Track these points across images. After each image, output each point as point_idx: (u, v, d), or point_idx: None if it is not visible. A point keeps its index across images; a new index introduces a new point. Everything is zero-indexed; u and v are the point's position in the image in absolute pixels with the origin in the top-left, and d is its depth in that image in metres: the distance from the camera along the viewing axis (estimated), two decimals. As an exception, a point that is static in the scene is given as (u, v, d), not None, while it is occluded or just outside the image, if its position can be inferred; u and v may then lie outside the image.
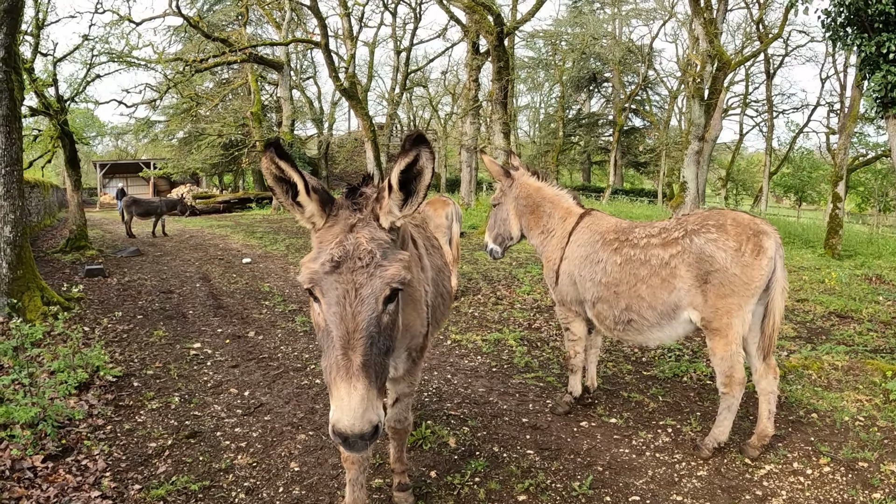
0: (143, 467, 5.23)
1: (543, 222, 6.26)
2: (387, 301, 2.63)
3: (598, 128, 56.88)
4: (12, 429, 5.55)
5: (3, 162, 9.45)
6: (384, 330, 2.64)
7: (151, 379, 7.37)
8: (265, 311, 10.80)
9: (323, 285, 2.60)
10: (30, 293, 9.82)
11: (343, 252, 2.60)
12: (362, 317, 2.54)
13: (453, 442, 5.65)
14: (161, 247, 20.34)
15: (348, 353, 2.48)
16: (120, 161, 58.59)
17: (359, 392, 2.43)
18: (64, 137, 18.39)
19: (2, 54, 9.35)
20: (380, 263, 2.60)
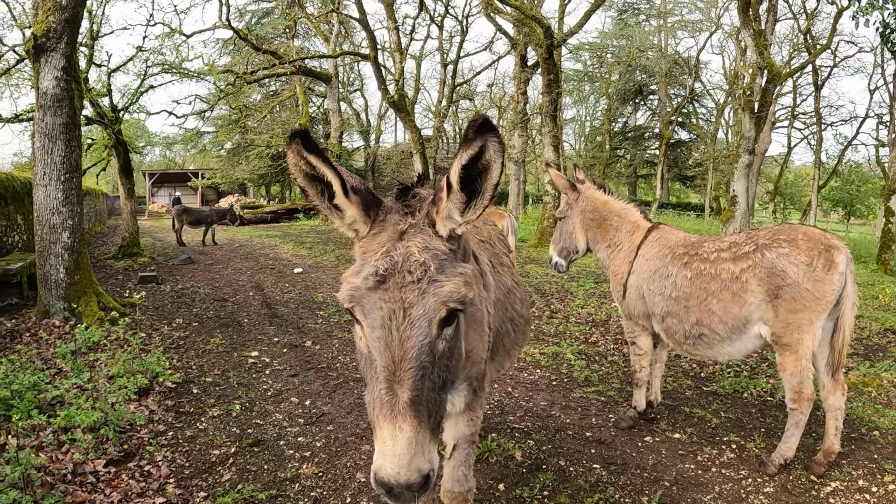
0: (207, 475, 5.21)
1: (610, 236, 6.28)
2: (443, 324, 2.23)
3: (644, 141, 56.49)
4: (74, 432, 5.58)
5: (62, 169, 9.64)
6: (439, 359, 2.24)
7: (211, 386, 7.39)
8: (320, 320, 10.80)
9: (365, 304, 2.22)
10: (86, 298, 9.97)
11: (390, 264, 2.21)
12: (412, 343, 2.14)
13: (519, 455, 5.57)
14: (212, 255, 20.59)
15: (394, 388, 2.11)
16: (169, 171, 59.85)
17: (405, 435, 2.05)
18: (118, 146, 18.88)
19: (63, 63, 9.57)
20: (434, 278, 2.20)
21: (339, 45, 40.14)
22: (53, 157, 9.57)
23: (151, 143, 54.86)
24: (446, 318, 2.22)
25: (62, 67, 9.56)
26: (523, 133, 29.30)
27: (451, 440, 3.51)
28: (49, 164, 9.57)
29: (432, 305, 2.17)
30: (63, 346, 8.08)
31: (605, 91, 49.04)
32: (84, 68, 17.51)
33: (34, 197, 9.73)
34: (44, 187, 9.60)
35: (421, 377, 2.13)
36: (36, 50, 9.47)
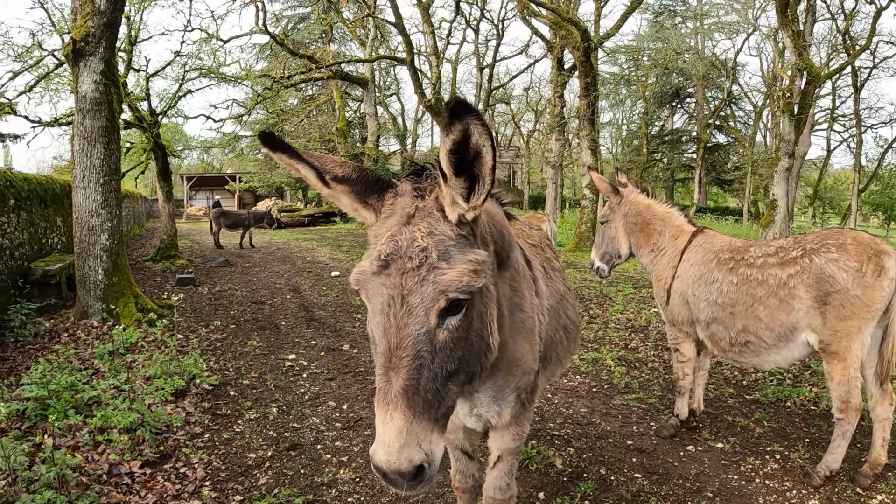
0: (243, 478, 5.16)
1: (654, 240, 6.18)
2: (444, 314, 2.13)
3: (681, 144, 55.86)
4: (110, 433, 5.57)
5: (101, 171, 9.73)
6: (440, 350, 2.14)
7: (248, 389, 7.36)
8: (358, 324, 10.75)
9: (369, 288, 2.18)
10: (124, 299, 10.03)
11: (393, 248, 2.14)
12: (408, 331, 2.09)
13: (560, 463, 5.45)
14: (249, 258, 20.72)
15: (389, 375, 2.08)
16: (206, 174, 60.57)
17: (395, 423, 2.02)
18: (157, 150, 19.20)
19: (101, 67, 9.66)
20: (435, 265, 2.11)
21: (375, 49, 40.30)
22: (92, 159, 9.66)
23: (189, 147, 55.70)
24: (447, 308, 2.13)
25: (101, 71, 9.65)
26: (560, 137, 29.10)
27: (496, 451, 3.40)
28: (88, 166, 9.66)
29: (430, 294, 2.10)
30: (101, 346, 8.12)
31: (641, 94, 48.63)
32: (123, 73, 17.76)
33: (73, 199, 9.83)
34: (83, 190, 9.69)
35: (417, 367, 2.07)
36: (75, 54, 9.57)
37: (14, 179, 11.41)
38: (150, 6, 18.04)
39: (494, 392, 3.04)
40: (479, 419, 3.19)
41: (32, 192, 12.30)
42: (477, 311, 2.28)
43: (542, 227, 10.77)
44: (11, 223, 10.99)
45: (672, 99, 54.60)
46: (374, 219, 2.32)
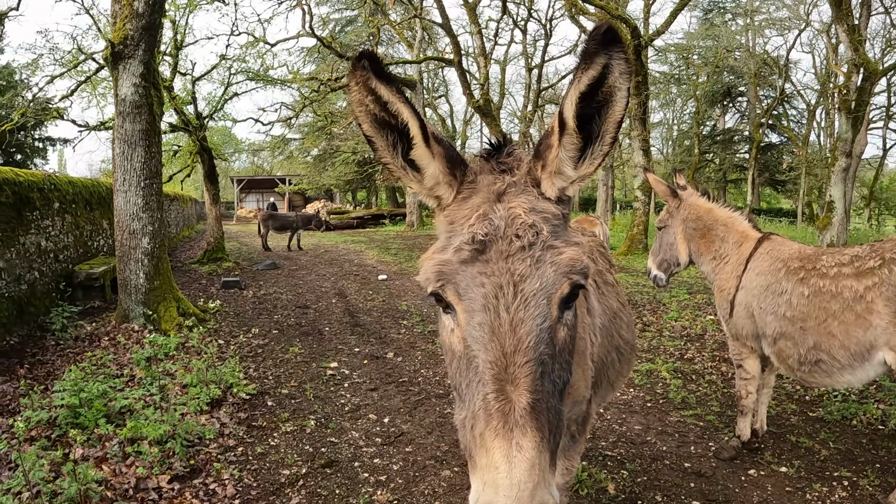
0: (274, 497, 4.96)
1: (716, 247, 5.81)
2: (564, 304, 1.75)
3: (733, 144, 54.67)
4: (140, 445, 5.44)
5: (142, 175, 9.72)
6: (560, 353, 1.73)
7: (286, 399, 7.18)
8: (404, 330, 10.54)
9: (460, 281, 1.73)
10: (166, 304, 9.98)
11: (490, 228, 1.74)
12: (527, 328, 1.65)
13: (612, 488, 5.13)
14: (296, 261, 20.72)
15: (506, 390, 1.60)
16: (256, 177, 61.31)
17: (526, 455, 1.52)
18: (203, 153, 19.42)
19: (141, 70, 9.66)
20: (550, 244, 1.73)
21: (422, 51, 40.21)
22: (133, 163, 9.65)
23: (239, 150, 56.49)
24: (568, 297, 1.75)
25: (140, 74, 9.65)
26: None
27: None
28: (129, 170, 9.65)
29: (551, 277, 1.70)
30: (139, 351, 8.05)
31: (692, 93, 47.80)
32: (169, 77, 18.11)
33: (115, 202, 9.84)
34: (123, 193, 9.68)
35: (541, 375, 1.64)
36: (114, 57, 9.59)
37: (59, 183, 11.48)
38: (195, 10, 18.18)
39: None
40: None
41: (78, 196, 12.39)
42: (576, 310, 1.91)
43: (595, 230, 10.37)
44: (56, 226, 11.05)
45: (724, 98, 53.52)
46: (450, 198, 1.93)
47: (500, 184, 1.86)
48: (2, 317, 8.59)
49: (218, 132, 34.37)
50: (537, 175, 1.88)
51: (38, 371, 7.67)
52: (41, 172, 11.14)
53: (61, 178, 12.01)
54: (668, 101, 56.27)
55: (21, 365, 7.78)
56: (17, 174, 9.62)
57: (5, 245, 8.89)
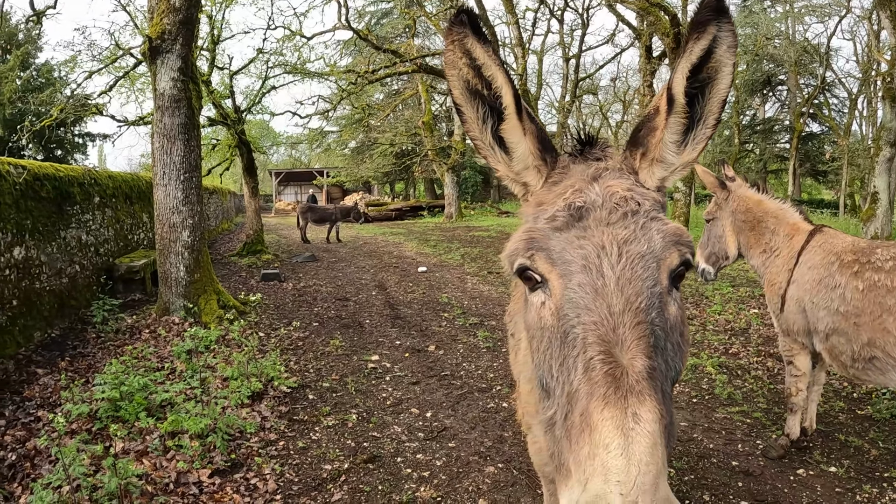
0: (316, 493, 4.89)
1: (766, 240, 5.63)
2: (673, 279, 1.58)
3: (774, 134, 53.70)
4: (181, 438, 5.42)
5: (182, 168, 9.76)
6: (671, 330, 1.52)
7: (327, 392, 7.13)
8: (445, 323, 10.45)
9: (553, 247, 1.56)
10: (206, 296, 10.01)
11: (588, 198, 1.61)
12: (637, 287, 1.46)
13: (660, 487, 4.96)
14: (335, 253, 20.76)
15: (614, 353, 1.37)
16: (294, 170, 61.76)
17: (646, 427, 1.26)
18: (241, 146, 19.58)
19: (179, 64, 9.69)
20: (654, 216, 1.59)
21: (459, 42, 40.12)
22: (172, 156, 9.69)
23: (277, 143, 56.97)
24: (676, 271, 1.58)
25: (178, 68, 9.69)
26: (650, 128, 28.26)
27: None
28: (168, 163, 9.69)
29: (660, 243, 1.54)
30: (180, 344, 8.06)
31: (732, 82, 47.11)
32: (206, 71, 18.31)
33: (154, 196, 9.90)
34: (163, 187, 9.73)
35: (654, 343, 1.42)
36: (152, 52, 9.63)
37: (98, 177, 11.58)
38: (231, 5, 18.28)
39: None
40: None
41: (118, 190, 12.50)
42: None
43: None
44: (96, 220, 11.14)
45: (763, 87, 52.61)
46: (539, 183, 1.80)
47: (594, 170, 1.73)
48: (43, 310, 8.67)
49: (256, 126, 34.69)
50: (634, 164, 1.76)
51: (80, 364, 7.72)
52: (81, 167, 11.25)
53: (101, 172, 12.12)
54: (708, 90, 55.85)
55: (62, 357, 7.84)
56: (57, 169, 9.71)
57: (46, 239, 8.96)
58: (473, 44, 1.64)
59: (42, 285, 8.73)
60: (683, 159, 1.72)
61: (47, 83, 38.22)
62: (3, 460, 5.18)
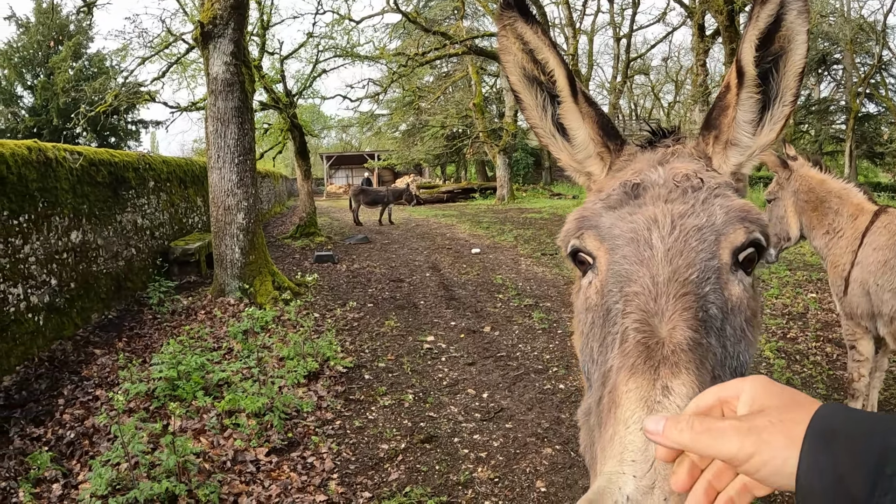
0: (373, 472, 4.87)
1: (829, 220, 5.42)
2: (739, 260, 1.40)
3: (829, 115, 52.15)
4: (238, 417, 5.45)
5: (236, 151, 9.84)
6: (733, 312, 1.34)
7: (383, 372, 7.12)
8: (500, 304, 10.36)
9: (602, 223, 1.46)
10: (261, 278, 10.08)
11: (645, 178, 1.51)
12: (688, 258, 1.32)
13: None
14: (388, 235, 20.80)
15: (651, 322, 1.22)
16: (345, 153, 62.08)
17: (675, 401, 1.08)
18: (294, 130, 19.76)
19: (231, 48, 9.75)
20: (718, 193, 1.44)
21: (508, 23, 39.81)
22: (226, 140, 9.76)
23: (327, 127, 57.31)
24: (742, 251, 1.39)
25: (231, 52, 9.74)
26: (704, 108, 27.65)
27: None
28: (222, 147, 9.77)
29: (720, 217, 1.39)
30: (235, 325, 8.13)
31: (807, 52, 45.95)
32: (257, 56, 18.48)
33: (209, 179, 10.01)
34: (218, 170, 9.81)
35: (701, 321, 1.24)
36: (204, 37, 9.70)
37: (153, 162, 11.74)
38: (280, -10, 18.39)
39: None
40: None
41: (172, 174, 12.67)
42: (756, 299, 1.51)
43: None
44: (151, 204, 11.31)
45: (818, 66, 51.08)
46: (602, 172, 1.69)
47: (663, 154, 1.61)
48: (100, 292, 8.82)
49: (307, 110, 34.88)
50: (706, 148, 1.62)
51: (136, 344, 7.84)
52: (136, 153, 11.43)
53: (155, 157, 12.30)
54: (761, 69, 54.91)
55: (119, 338, 7.97)
56: (112, 155, 9.85)
57: (102, 223, 9.11)
58: (523, 27, 1.58)
59: (99, 268, 8.87)
60: (760, 141, 1.56)
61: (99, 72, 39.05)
62: (62, 438, 5.27)
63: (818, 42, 47.89)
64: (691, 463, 0.95)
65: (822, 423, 0.83)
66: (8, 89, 40.43)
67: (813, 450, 0.81)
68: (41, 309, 7.20)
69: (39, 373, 6.59)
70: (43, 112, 40.07)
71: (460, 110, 43.55)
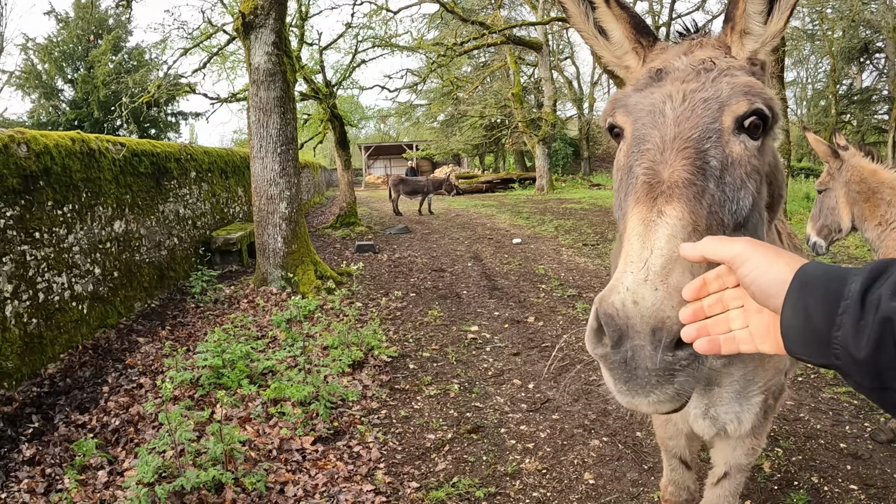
0: (420, 462, 4.82)
1: (881, 212, 5.23)
2: (741, 123, 1.62)
3: (872, 104, 50.86)
4: (283, 406, 5.43)
5: (279, 141, 9.86)
6: (732, 167, 1.57)
7: (428, 362, 7.06)
8: (542, 294, 10.25)
9: (630, 102, 1.74)
10: (303, 267, 10.10)
11: (668, 65, 1.77)
12: (692, 122, 1.58)
13: (768, 466, 4.73)
14: (428, 225, 20.76)
15: (657, 169, 1.52)
16: (384, 143, 62.24)
17: (668, 220, 1.40)
18: (334, 120, 19.82)
19: (273, 38, 9.76)
20: (728, 73, 1.68)
21: (546, 12, 39.35)
22: (269, 129, 9.79)
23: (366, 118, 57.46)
24: (744, 118, 1.62)
25: (272, 42, 9.76)
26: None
27: (723, 465, 2.80)
28: (265, 136, 9.80)
29: (726, 91, 1.64)
30: (279, 314, 8.14)
31: (828, 49, 44.99)
32: (296, 47, 18.56)
33: (251, 169, 10.03)
34: (260, 159, 9.84)
35: (700, 168, 1.52)
36: (245, 28, 9.71)
37: (194, 153, 11.81)
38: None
39: (741, 386, 2.41)
40: (713, 423, 2.54)
41: (213, 165, 12.74)
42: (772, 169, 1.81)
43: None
44: (193, 194, 11.38)
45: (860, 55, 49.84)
46: (638, 65, 1.97)
47: (689, 46, 1.86)
48: (143, 281, 8.88)
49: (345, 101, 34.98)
50: (726, 39, 1.85)
51: (180, 332, 7.88)
52: (177, 144, 11.49)
53: (196, 148, 12.36)
54: (801, 58, 53.79)
55: (163, 327, 8.02)
56: (154, 146, 9.91)
57: (145, 213, 9.17)
58: None
59: (142, 257, 8.94)
60: (771, 30, 1.77)
61: (139, 65, 39.51)
62: (106, 425, 5.30)
63: (860, 30, 46.87)
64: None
65: (803, 276, 1.08)
66: (49, 83, 40.99)
67: (791, 296, 1.07)
68: (85, 298, 7.27)
69: (84, 360, 6.64)
70: (84, 105, 40.64)
71: (499, 100, 43.43)
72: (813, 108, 54.52)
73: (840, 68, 49.50)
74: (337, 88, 20.90)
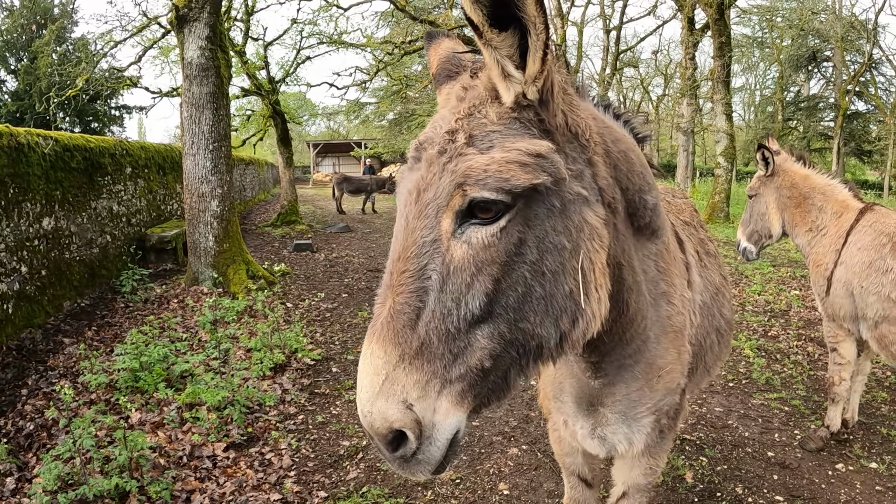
0: (331, 470, 4.76)
1: (812, 218, 5.23)
2: (463, 219, 1.49)
3: (818, 112, 52.31)
4: (198, 410, 5.32)
5: (210, 138, 9.66)
6: (455, 273, 1.48)
7: (352, 365, 6.98)
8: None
9: (400, 185, 1.67)
10: (235, 266, 9.93)
11: (426, 136, 1.65)
12: (413, 238, 1.51)
13: (690, 476, 4.74)
14: (370, 224, 20.67)
15: (386, 296, 1.52)
16: (332, 141, 61.77)
17: (372, 361, 1.46)
18: (276, 117, 19.60)
19: (206, 32, 9.56)
20: (461, 152, 1.51)
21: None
22: (201, 126, 9.58)
23: (314, 115, 56.95)
24: (469, 212, 1.49)
25: (206, 37, 9.55)
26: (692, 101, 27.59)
27: (622, 485, 2.73)
28: (197, 133, 9.60)
29: (445, 188, 1.50)
30: (206, 314, 7.98)
31: (776, 57, 46.06)
32: (240, 42, 18.27)
33: (183, 166, 9.83)
34: (192, 157, 9.64)
35: (417, 289, 1.49)
36: (179, 21, 9.50)
37: (130, 148, 11.53)
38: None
39: (626, 407, 2.35)
40: (602, 443, 2.50)
41: (150, 161, 12.46)
42: (551, 240, 1.55)
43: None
44: (128, 191, 11.11)
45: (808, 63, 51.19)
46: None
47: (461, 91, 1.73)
48: (73, 280, 8.64)
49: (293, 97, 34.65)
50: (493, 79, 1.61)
51: (106, 333, 7.67)
52: (113, 138, 11.21)
53: (133, 143, 12.07)
54: (751, 65, 54.94)
55: (90, 327, 7.80)
56: (87, 140, 9.64)
57: (76, 210, 8.92)
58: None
59: (72, 255, 8.69)
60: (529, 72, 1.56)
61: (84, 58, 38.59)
62: (21, 430, 5.13)
63: (809, 39, 47.98)
64: None
65: None
66: (-10, 73, 39.92)
67: None
68: (10, 297, 7.02)
69: (7, 362, 6.42)
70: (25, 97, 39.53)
71: (448, 100, 43.52)
72: (760, 113, 55.65)
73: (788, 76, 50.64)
74: (280, 85, 20.67)
